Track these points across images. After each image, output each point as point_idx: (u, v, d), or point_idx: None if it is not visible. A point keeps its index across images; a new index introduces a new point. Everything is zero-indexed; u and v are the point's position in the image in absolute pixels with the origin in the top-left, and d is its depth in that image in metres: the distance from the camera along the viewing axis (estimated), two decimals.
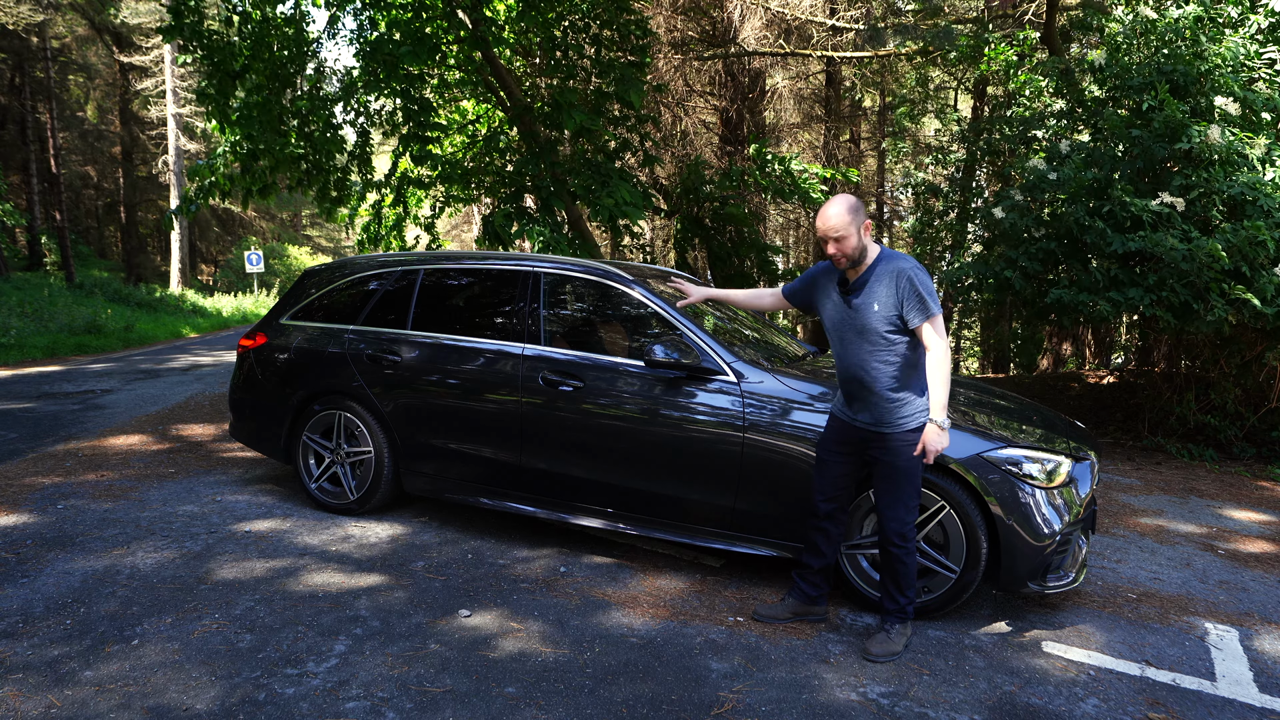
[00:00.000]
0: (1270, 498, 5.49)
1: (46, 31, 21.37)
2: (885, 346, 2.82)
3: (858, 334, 2.85)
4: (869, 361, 2.85)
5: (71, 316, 14.27)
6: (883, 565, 3.03)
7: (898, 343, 2.82)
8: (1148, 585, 3.77)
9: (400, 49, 6.57)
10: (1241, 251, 5.36)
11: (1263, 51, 6.08)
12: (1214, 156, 5.56)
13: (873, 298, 2.80)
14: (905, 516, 2.92)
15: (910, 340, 2.85)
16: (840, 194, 2.91)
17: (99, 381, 9.05)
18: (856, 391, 2.92)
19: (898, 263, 2.81)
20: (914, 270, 2.78)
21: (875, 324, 2.80)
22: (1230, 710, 2.68)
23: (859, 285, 2.84)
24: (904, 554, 2.95)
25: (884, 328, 2.80)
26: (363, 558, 3.73)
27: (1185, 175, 5.67)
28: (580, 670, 2.77)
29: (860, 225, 2.78)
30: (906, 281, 2.76)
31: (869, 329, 2.82)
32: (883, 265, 2.82)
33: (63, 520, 4.13)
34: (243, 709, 2.46)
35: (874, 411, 2.89)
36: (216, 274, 31.83)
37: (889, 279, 2.78)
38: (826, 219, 2.78)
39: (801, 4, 11.01)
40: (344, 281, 4.58)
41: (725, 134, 12.70)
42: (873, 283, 2.81)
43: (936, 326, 2.78)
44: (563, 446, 3.76)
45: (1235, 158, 5.53)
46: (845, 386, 2.98)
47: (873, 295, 2.80)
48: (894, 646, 2.96)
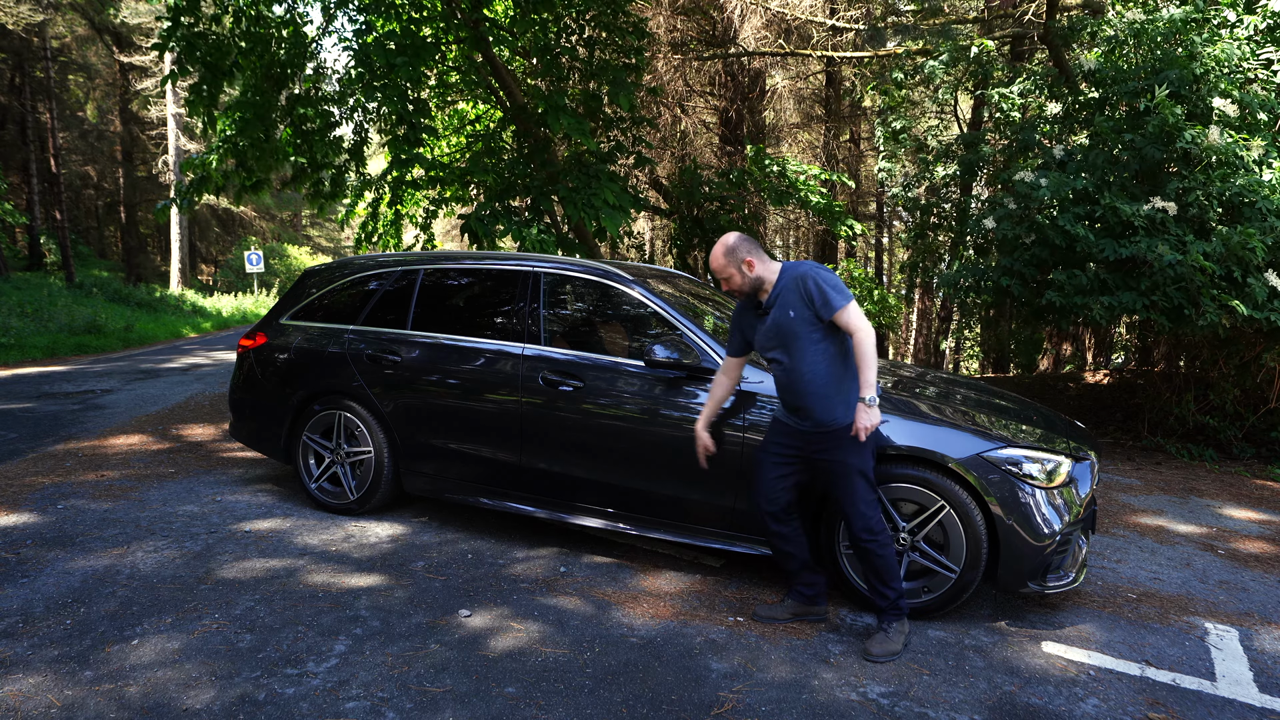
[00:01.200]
0: (1270, 498, 5.49)
1: (46, 31, 21.36)
2: (810, 345, 2.94)
3: (785, 344, 2.97)
4: (799, 363, 2.95)
5: (71, 316, 14.27)
6: (861, 562, 3.05)
7: (819, 338, 2.94)
8: (1148, 585, 3.77)
9: (395, 58, 6.52)
10: (1235, 256, 5.36)
11: (1260, 53, 6.07)
12: (1212, 159, 5.56)
13: (786, 307, 2.95)
14: (867, 511, 2.97)
15: (834, 337, 2.95)
16: (727, 235, 3.06)
17: (99, 381, 9.05)
18: (797, 399, 3.00)
19: (798, 269, 2.96)
20: (814, 270, 2.94)
21: (797, 328, 2.93)
22: (1230, 710, 2.68)
23: (771, 303, 3.00)
24: (877, 546, 2.98)
25: (805, 329, 2.93)
26: (363, 558, 3.73)
27: (1181, 178, 5.67)
28: (580, 670, 2.77)
29: (740, 262, 2.98)
30: (810, 282, 2.90)
31: (793, 334, 2.94)
32: (785, 277, 2.98)
33: (63, 520, 4.13)
34: (243, 709, 2.46)
35: (815, 414, 2.97)
36: (216, 274, 31.83)
37: (794, 285, 2.94)
38: (713, 264, 3.02)
39: (801, 4, 11.00)
40: (344, 281, 4.58)
41: (725, 134, 12.71)
42: (782, 295, 2.96)
43: (852, 312, 2.90)
44: (563, 446, 3.76)
45: (1233, 159, 5.53)
46: (785, 398, 3.07)
47: (785, 305, 2.95)
48: (893, 646, 2.96)
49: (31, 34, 20.63)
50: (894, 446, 3.18)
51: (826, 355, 2.95)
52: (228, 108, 7.69)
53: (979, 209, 7.46)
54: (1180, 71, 5.81)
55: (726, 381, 3.29)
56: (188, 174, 8.02)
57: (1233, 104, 5.65)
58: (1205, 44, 5.94)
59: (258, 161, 7.78)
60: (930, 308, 19.02)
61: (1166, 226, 5.57)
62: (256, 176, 8.02)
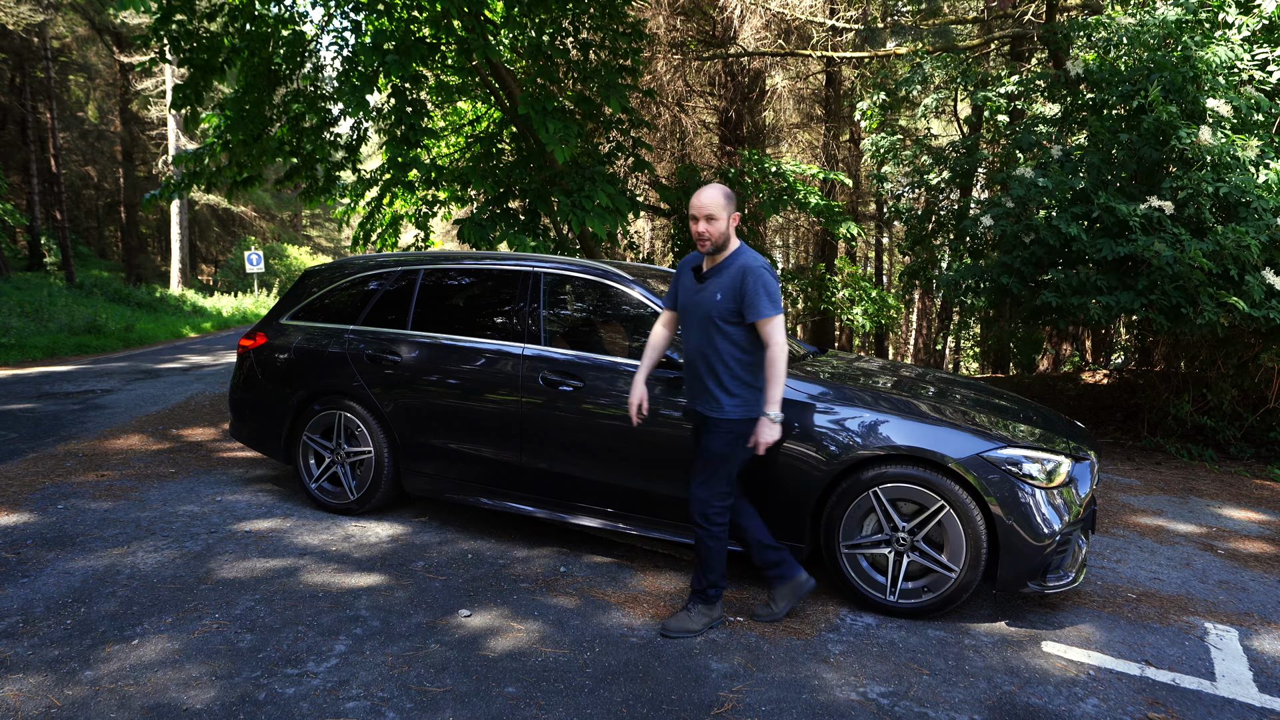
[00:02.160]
0: (1270, 498, 5.49)
1: (47, 31, 21.36)
2: (719, 335, 2.94)
3: (699, 319, 2.98)
4: (704, 346, 2.97)
5: (71, 316, 14.28)
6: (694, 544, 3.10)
7: (731, 333, 2.93)
8: (1147, 585, 3.78)
9: (387, 58, 6.51)
10: (1232, 255, 5.36)
11: (1257, 53, 6.07)
12: (1206, 158, 5.56)
13: (718, 287, 2.93)
14: (708, 498, 3.00)
15: (747, 334, 2.94)
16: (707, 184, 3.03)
17: (99, 381, 9.05)
18: (692, 374, 3.05)
19: (750, 261, 2.93)
20: (761, 269, 2.90)
21: (714, 311, 2.93)
22: (1230, 710, 2.68)
23: (712, 273, 2.98)
24: (708, 536, 3.03)
25: (721, 316, 2.92)
26: (363, 558, 3.73)
27: (1177, 177, 5.67)
28: (580, 670, 2.77)
29: (730, 214, 2.94)
30: (753, 278, 2.87)
31: (708, 316, 2.94)
32: (736, 260, 2.95)
33: (63, 520, 4.13)
34: (243, 709, 2.46)
35: (702, 395, 3.01)
36: (216, 274, 31.83)
37: (737, 272, 2.91)
38: (701, 197, 2.92)
39: (801, 4, 11.00)
40: (344, 281, 4.58)
41: (725, 134, 12.71)
42: (723, 274, 2.94)
43: (774, 326, 2.88)
44: (563, 446, 3.76)
45: (1228, 159, 5.53)
46: (685, 369, 3.10)
47: (719, 285, 2.93)
48: (690, 624, 3.04)
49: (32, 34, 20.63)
50: (894, 446, 3.18)
51: (735, 351, 2.95)
52: (220, 104, 7.68)
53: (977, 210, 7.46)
54: (1171, 74, 5.82)
55: (665, 333, 3.28)
56: (179, 165, 8.03)
57: (1227, 104, 5.65)
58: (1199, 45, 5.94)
59: (250, 158, 7.77)
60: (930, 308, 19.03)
61: (1163, 226, 5.57)
62: (248, 172, 8.01)
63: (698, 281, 3.02)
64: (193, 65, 7.20)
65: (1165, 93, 5.82)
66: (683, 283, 3.11)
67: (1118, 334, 10.61)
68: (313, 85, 8.22)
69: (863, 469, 3.24)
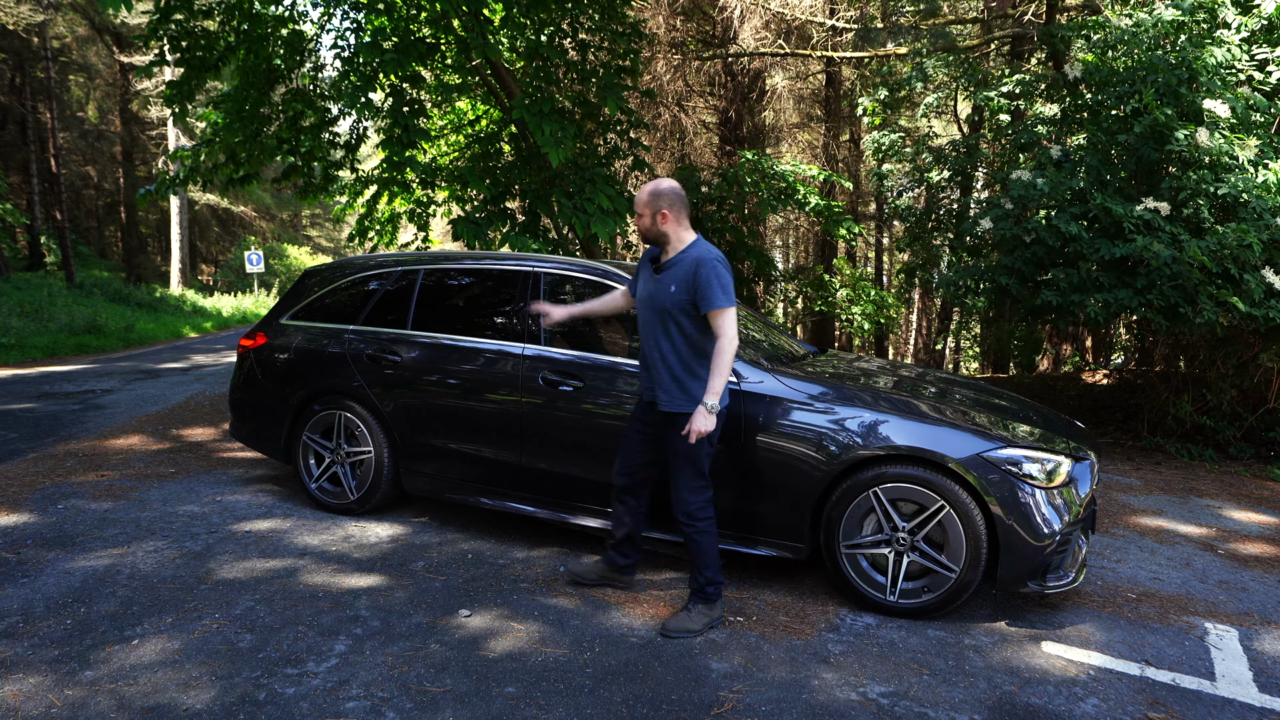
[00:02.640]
0: (1270, 498, 5.49)
1: (47, 31, 21.36)
2: (675, 327, 2.99)
3: (656, 311, 3.03)
4: (660, 339, 3.03)
5: (71, 316, 14.27)
6: (684, 544, 3.13)
7: (687, 325, 2.98)
8: (1147, 585, 3.78)
9: (385, 56, 6.50)
10: (1232, 254, 5.36)
11: (1256, 53, 6.06)
12: (1205, 159, 5.56)
13: (672, 279, 2.98)
14: (689, 497, 3.04)
15: (701, 326, 2.99)
16: (662, 180, 3.10)
17: (99, 381, 9.05)
18: (650, 368, 3.09)
19: (704, 253, 2.97)
20: (714, 261, 2.94)
21: (669, 303, 2.98)
22: (1230, 710, 2.68)
23: (667, 266, 3.03)
24: (695, 533, 3.06)
25: (676, 308, 2.97)
26: (363, 558, 3.73)
27: (1175, 178, 5.67)
28: (580, 670, 2.77)
29: (658, 211, 3.00)
30: (705, 270, 2.92)
31: (664, 307, 2.99)
32: (690, 252, 3.00)
33: (63, 520, 4.13)
34: (243, 709, 2.46)
35: (661, 390, 3.04)
36: (216, 274, 31.83)
37: (691, 264, 2.95)
38: (641, 194, 3.05)
39: (801, 4, 11.00)
40: (344, 281, 4.58)
41: (724, 134, 12.71)
42: (677, 266, 2.99)
43: (726, 318, 2.91)
44: (563, 446, 3.76)
45: (1227, 160, 5.52)
46: (643, 363, 3.14)
47: (674, 277, 2.98)
48: (690, 624, 3.05)
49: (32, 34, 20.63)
50: (894, 446, 3.18)
51: (688, 343, 2.99)
52: (216, 101, 7.67)
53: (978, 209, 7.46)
54: (1165, 76, 5.81)
55: (618, 301, 3.43)
56: (175, 160, 8.02)
57: (1224, 105, 5.65)
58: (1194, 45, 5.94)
59: (249, 156, 7.76)
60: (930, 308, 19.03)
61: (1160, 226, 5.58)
62: (246, 170, 8.00)
63: (655, 274, 3.07)
64: (188, 64, 7.20)
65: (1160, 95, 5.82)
66: (642, 274, 3.16)
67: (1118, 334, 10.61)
68: (312, 84, 8.22)
69: (863, 469, 3.24)
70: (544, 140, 6.49)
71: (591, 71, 7.90)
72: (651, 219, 3.02)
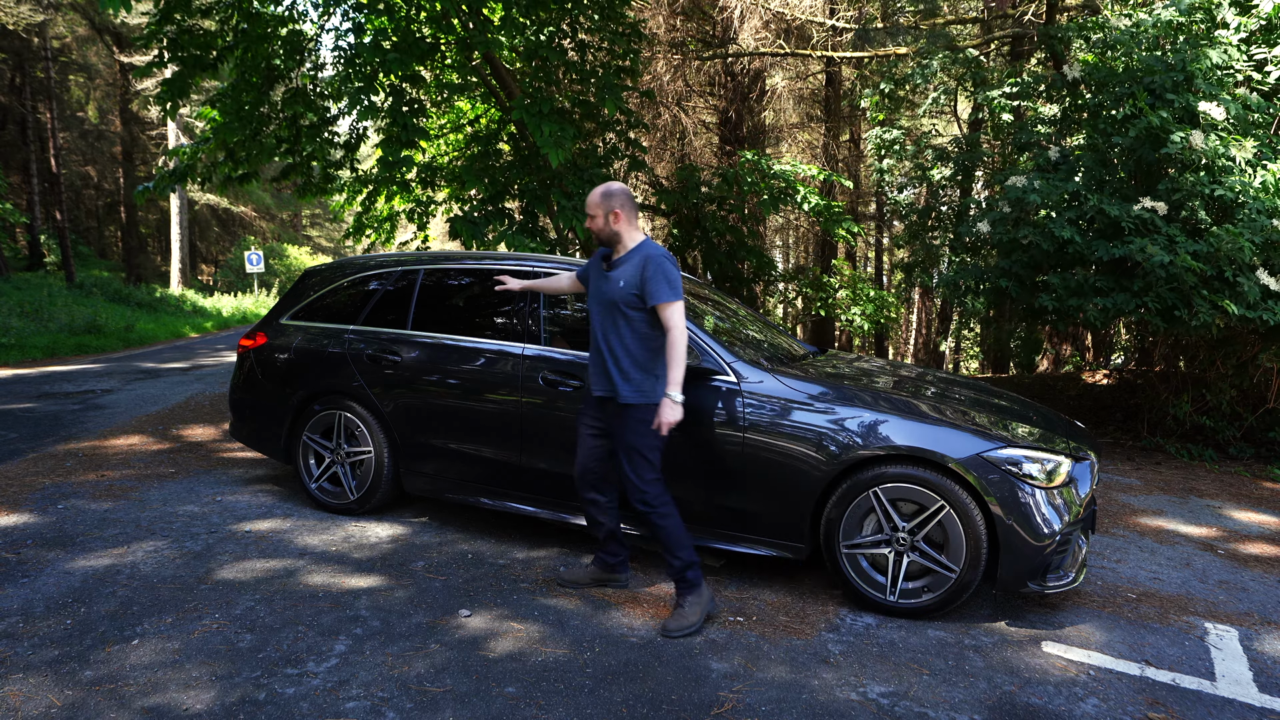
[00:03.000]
0: (1270, 498, 5.49)
1: (47, 31, 21.36)
2: (625, 322, 3.09)
3: (606, 306, 3.13)
4: (610, 333, 3.12)
5: (71, 316, 14.27)
6: (649, 534, 3.19)
7: (636, 320, 3.08)
8: (1147, 585, 3.78)
9: (387, 56, 6.49)
10: (1228, 256, 5.35)
11: (1254, 53, 6.05)
12: (1201, 161, 5.55)
13: (622, 275, 3.10)
14: (644, 487, 3.10)
15: (650, 321, 3.09)
16: (613, 184, 3.20)
17: (99, 381, 9.06)
18: (599, 362, 3.17)
19: (651, 250, 3.10)
20: (661, 258, 3.07)
21: (619, 298, 3.08)
22: (1230, 710, 2.68)
23: (618, 263, 3.15)
24: (658, 518, 3.10)
25: (626, 303, 3.07)
26: (363, 558, 3.73)
27: (1172, 179, 5.66)
28: (580, 670, 2.77)
29: (609, 211, 3.12)
30: (653, 265, 3.04)
31: (614, 302, 3.10)
32: (638, 250, 3.12)
33: (63, 520, 4.13)
34: (243, 709, 2.46)
35: (610, 383, 3.13)
36: (216, 274, 31.84)
37: (639, 260, 3.08)
38: (589, 198, 3.17)
39: (801, 4, 11.00)
40: (344, 281, 4.58)
41: (724, 134, 12.71)
42: (627, 263, 3.11)
43: (673, 311, 3.03)
44: (563, 446, 3.76)
45: (1224, 161, 5.51)
46: (592, 357, 3.23)
47: (623, 273, 3.10)
48: (688, 620, 3.07)
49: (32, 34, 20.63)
50: (894, 446, 3.18)
51: (637, 337, 3.09)
52: (214, 99, 7.67)
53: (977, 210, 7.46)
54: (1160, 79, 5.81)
55: (565, 283, 3.59)
56: (173, 157, 8.02)
57: (1219, 106, 5.64)
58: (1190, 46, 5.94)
59: (248, 155, 7.76)
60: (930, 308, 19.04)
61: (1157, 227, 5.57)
62: (244, 169, 7.99)
63: (606, 271, 3.17)
64: (184, 63, 7.20)
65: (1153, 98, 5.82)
66: (594, 273, 3.25)
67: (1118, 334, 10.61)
68: (312, 84, 8.22)
69: (863, 469, 3.24)
70: (543, 141, 6.48)
71: (590, 72, 7.90)
72: (605, 219, 3.13)
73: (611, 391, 3.13)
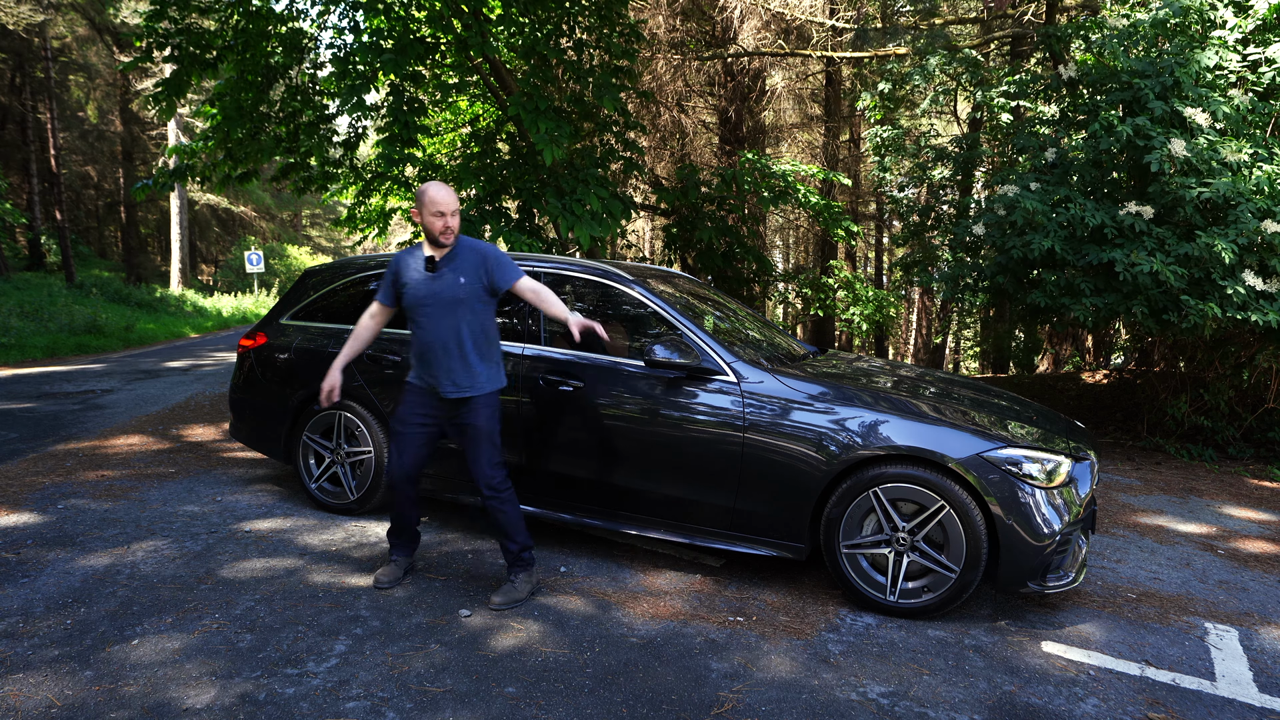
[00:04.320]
0: (1270, 498, 5.49)
1: (47, 31, 21.35)
2: (473, 317, 3.20)
3: (450, 306, 3.17)
4: (454, 329, 3.18)
5: (71, 316, 14.27)
6: (488, 518, 3.31)
7: (483, 312, 3.23)
8: (1147, 585, 3.78)
9: (384, 56, 6.49)
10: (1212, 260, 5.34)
11: (1248, 54, 6.03)
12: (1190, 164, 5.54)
13: (459, 273, 3.17)
14: (491, 472, 3.25)
15: (490, 312, 3.27)
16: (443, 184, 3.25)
17: (99, 381, 9.06)
18: (443, 361, 3.20)
19: (477, 245, 3.25)
20: (493, 250, 3.25)
21: (465, 295, 3.17)
22: (1230, 710, 2.68)
23: (445, 262, 3.20)
24: (500, 503, 3.26)
25: (471, 297, 3.18)
26: (363, 557, 3.73)
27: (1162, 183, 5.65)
28: (580, 670, 2.77)
29: (454, 211, 3.19)
30: (493, 254, 3.22)
31: (460, 300, 3.17)
32: (465, 246, 3.23)
33: (63, 520, 4.13)
34: (243, 709, 2.46)
35: (459, 378, 3.21)
36: (216, 274, 31.83)
37: (474, 257, 3.20)
38: (448, 197, 3.17)
39: (801, 4, 11.00)
40: (344, 281, 4.57)
41: (724, 134, 12.71)
42: (458, 261, 3.19)
43: (526, 279, 3.24)
44: (563, 446, 3.76)
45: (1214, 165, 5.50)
46: (430, 357, 3.22)
47: (459, 271, 3.17)
48: (517, 594, 3.28)
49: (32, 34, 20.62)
50: (894, 446, 3.18)
51: (481, 328, 3.22)
52: (213, 98, 7.67)
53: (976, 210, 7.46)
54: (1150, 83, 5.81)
55: (373, 325, 3.43)
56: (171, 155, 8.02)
57: (1205, 112, 5.63)
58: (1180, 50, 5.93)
59: (247, 154, 7.76)
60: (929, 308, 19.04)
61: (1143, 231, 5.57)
62: (243, 168, 7.99)
63: (431, 272, 3.20)
64: (182, 61, 7.20)
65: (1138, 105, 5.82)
66: (411, 277, 3.23)
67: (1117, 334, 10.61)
68: (311, 82, 8.22)
69: (863, 469, 3.24)
70: (539, 138, 6.48)
71: (589, 71, 7.90)
72: (454, 218, 3.18)
73: (467, 388, 3.21)
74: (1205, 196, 5.38)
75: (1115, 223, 5.62)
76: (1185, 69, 5.78)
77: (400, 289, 3.26)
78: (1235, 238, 5.26)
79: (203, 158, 8.00)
